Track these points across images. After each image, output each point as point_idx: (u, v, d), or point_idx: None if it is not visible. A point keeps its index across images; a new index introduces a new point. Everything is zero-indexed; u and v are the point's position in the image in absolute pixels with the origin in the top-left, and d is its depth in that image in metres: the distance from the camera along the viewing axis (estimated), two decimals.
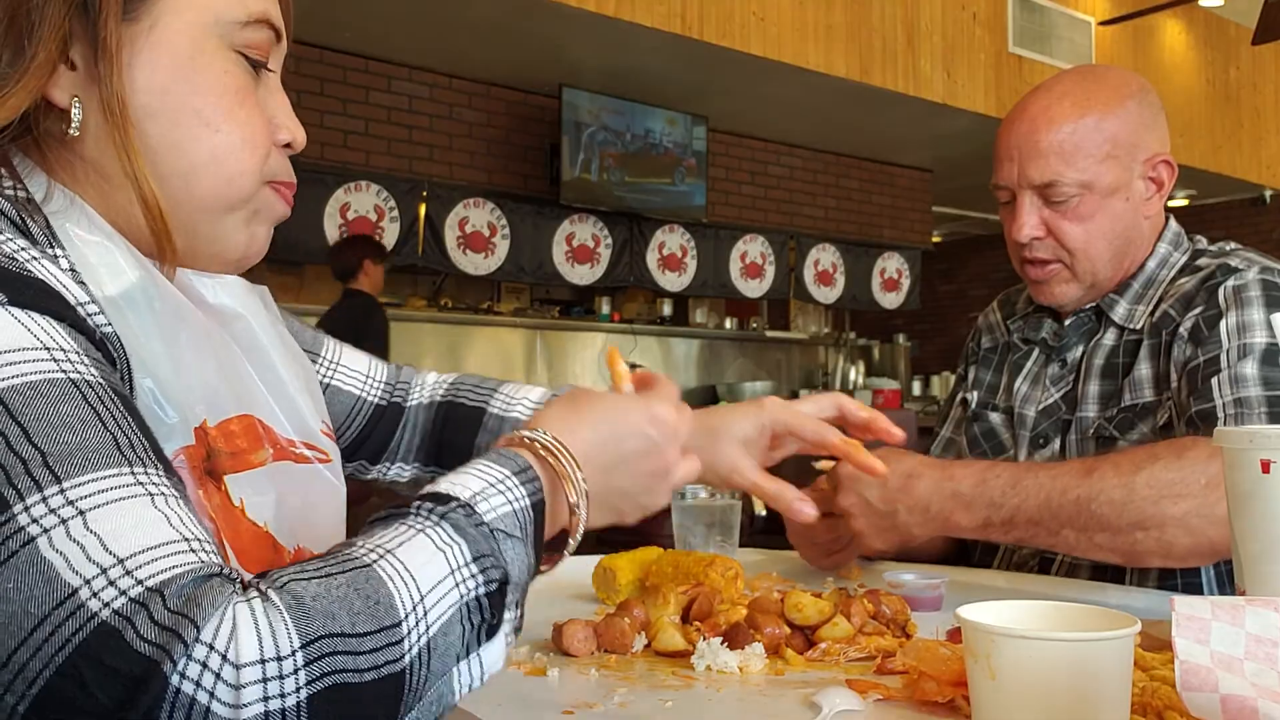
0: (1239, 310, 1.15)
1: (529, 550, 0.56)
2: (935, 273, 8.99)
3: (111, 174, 0.61)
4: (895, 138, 6.61)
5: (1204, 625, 0.53)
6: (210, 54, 0.63)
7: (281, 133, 0.67)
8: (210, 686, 0.43)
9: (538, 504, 0.58)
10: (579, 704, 0.74)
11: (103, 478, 0.46)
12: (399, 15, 4.54)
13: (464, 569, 0.51)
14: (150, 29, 0.61)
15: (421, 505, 0.54)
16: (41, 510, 0.45)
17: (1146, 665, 0.74)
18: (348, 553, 0.50)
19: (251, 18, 0.64)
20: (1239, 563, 0.70)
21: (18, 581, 0.43)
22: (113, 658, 0.43)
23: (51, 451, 0.46)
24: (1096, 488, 1.02)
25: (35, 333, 0.49)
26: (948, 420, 1.47)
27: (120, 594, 0.44)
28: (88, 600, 0.43)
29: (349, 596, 0.47)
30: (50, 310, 0.51)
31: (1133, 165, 1.24)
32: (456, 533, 0.52)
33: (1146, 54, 6.89)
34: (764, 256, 6.64)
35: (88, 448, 0.47)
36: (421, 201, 5.27)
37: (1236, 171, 7.43)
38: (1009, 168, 1.25)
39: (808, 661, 0.85)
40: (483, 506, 0.54)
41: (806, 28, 5.22)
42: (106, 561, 0.44)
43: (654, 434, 0.67)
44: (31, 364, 0.48)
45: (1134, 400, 1.22)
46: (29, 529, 0.44)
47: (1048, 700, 0.59)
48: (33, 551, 0.44)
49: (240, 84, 0.64)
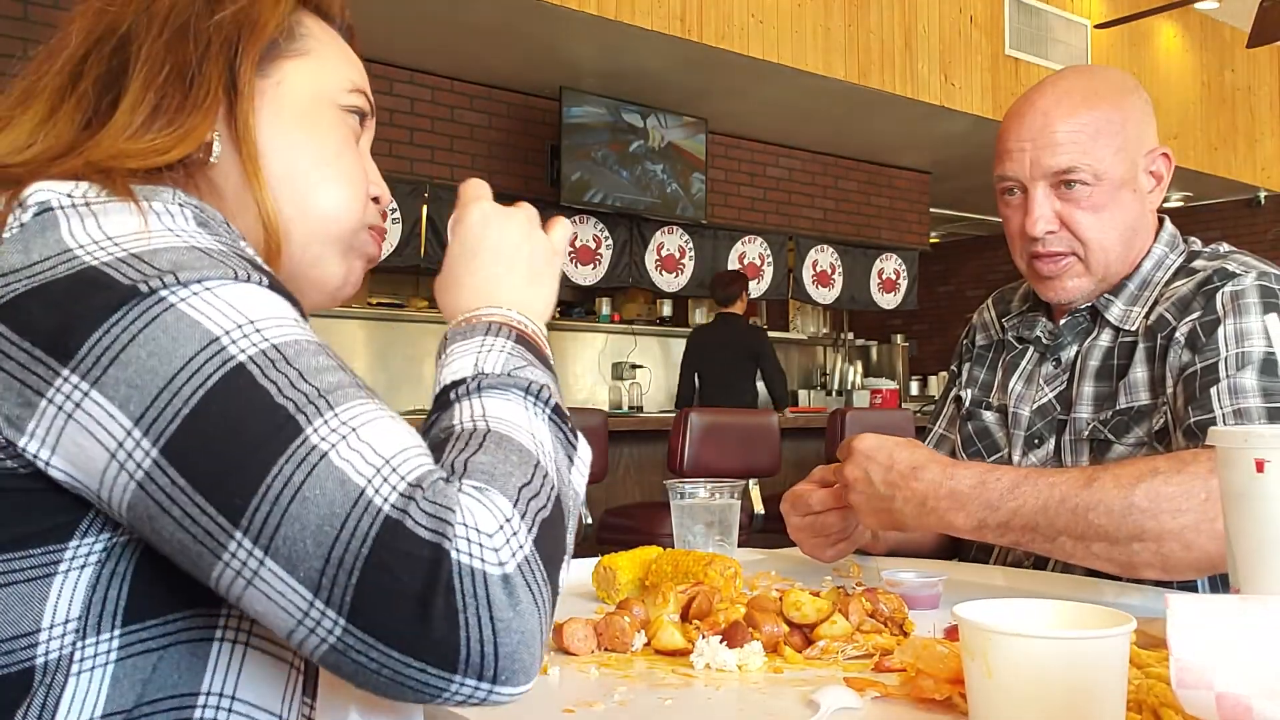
0: (1237, 317, 1.15)
1: (539, 368, 0.67)
2: (933, 274, 9.00)
3: (233, 199, 0.72)
4: (893, 140, 6.62)
5: (1199, 623, 0.53)
6: (324, 109, 0.76)
7: (373, 188, 0.80)
8: (480, 555, 0.53)
9: (521, 339, 0.69)
10: (579, 702, 0.75)
11: (359, 404, 0.58)
12: (400, 18, 4.55)
13: (528, 403, 0.64)
14: (277, 85, 0.74)
15: (453, 391, 0.65)
16: (327, 430, 0.55)
17: (1142, 663, 0.75)
18: (470, 431, 0.61)
19: (354, 88, 0.78)
20: (1233, 562, 0.70)
21: (322, 488, 0.53)
22: (405, 543, 0.53)
23: (323, 388, 0.57)
24: (1095, 497, 1.01)
25: (285, 306, 0.61)
26: (941, 418, 1.47)
27: (393, 489, 0.54)
28: (373, 497, 0.54)
29: (508, 455, 0.59)
30: (289, 296, 0.63)
31: (1138, 159, 1.25)
32: (502, 388, 0.64)
33: (1142, 56, 6.90)
34: (763, 257, 6.64)
35: (344, 384, 0.58)
36: (423, 203, 5.27)
37: (1231, 173, 7.44)
38: (1019, 159, 1.24)
39: (806, 659, 0.86)
40: (492, 367, 0.66)
41: (805, 30, 5.23)
42: (378, 463, 0.55)
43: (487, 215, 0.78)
44: (289, 326, 0.60)
45: (1129, 404, 1.22)
46: (321, 445, 0.55)
47: (1044, 698, 0.59)
48: (327, 463, 0.54)
49: (347, 135, 0.77)
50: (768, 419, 3.97)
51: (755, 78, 5.32)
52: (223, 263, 0.60)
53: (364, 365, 5.44)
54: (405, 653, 0.52)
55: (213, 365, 0.55)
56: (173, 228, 0.61)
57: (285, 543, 0.53)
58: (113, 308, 0.56)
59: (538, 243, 0.78)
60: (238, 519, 0.53)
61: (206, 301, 0.58)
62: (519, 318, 0.72)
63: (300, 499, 0.53)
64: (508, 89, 5.57)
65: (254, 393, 0.55)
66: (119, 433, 0.55)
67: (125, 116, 0.68)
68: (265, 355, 0.57)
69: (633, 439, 4.66)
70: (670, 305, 6.67)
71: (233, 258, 0.61)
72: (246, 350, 0.57)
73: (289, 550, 0.53)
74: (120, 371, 0.55)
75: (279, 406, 0.55)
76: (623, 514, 3.95)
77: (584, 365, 6.35)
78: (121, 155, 0.66)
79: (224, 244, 0.63)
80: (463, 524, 0.54)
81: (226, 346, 0.56)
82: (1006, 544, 1.07)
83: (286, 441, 0.54)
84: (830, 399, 6.94)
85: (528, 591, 0.54)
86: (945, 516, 1.06)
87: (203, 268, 0.59)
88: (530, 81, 5.47)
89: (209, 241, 0.62)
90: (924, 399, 7.25)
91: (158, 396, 0.55)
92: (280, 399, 0.56)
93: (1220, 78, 7.41)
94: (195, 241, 0.61)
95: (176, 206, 0.63)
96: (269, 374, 0.56)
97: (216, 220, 0.66)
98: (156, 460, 0.54)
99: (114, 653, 0.58)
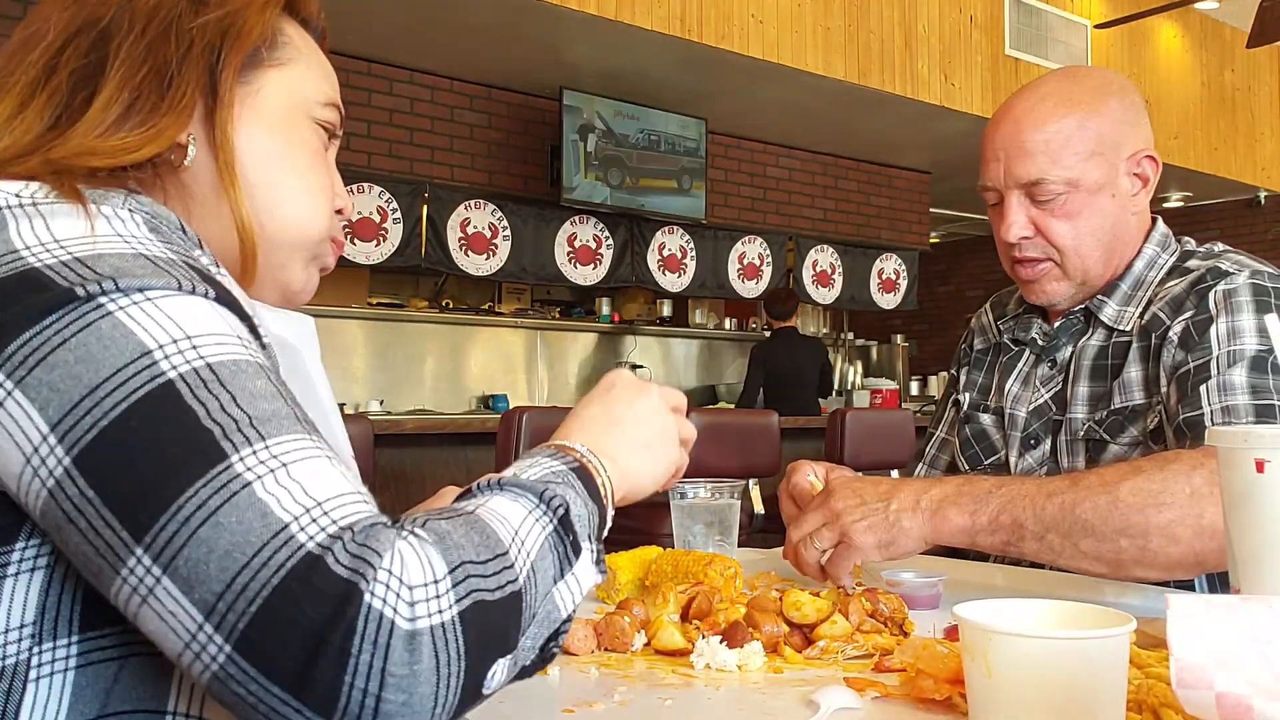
0: (1229, 316, 1.15)
1: (580, 494, 0.66)
2: (932, 274, 9.00)
3: (208, 202, 0.72)
4: (893, 140, 6.62)
5: (1199, 623, 0.53)
6: (299, 120, 0.77)
7: (338, 200, 0.81)
8: (394, 604, 0.51)
9: (576, 468, 0.68)
10: (579, 702, 0.75)
11: (294, 439, 0.56)
12: (401, 18, 4.55)
13: (536, 509, 0.62)
14: (256, 93, 0.74)
15: (481, 485, 0.64)
16: (254, 461, 0.53)
17: (1142, 663, 0.75)
18: (453, 508, 0.60)
19: (328, 101, 0.79)
20: (1234, 562, 0.70)
21: (238, 516, 0.52)
22: (319, 580, 0.51)
23: (255, 416, 0.55)
24: (1081, 494, 1.02)
25: (230, 322, 0.60)
26: (942, 421, 1.47)
27: (321, 530, 0.52)
28: (297, 533, 0.52)
29: (470, 533, 0.57)
30: (238, 310, 0.62)
31: (1117, 162, 1.25)
32: (519, 489, 0.63)
33: (1142, 57, 6.90)
34: (762, 258, 6.64)
35: (280, 414, 0.56)
36: (423, 203, 5.27)
37: (1231, 173, 7.44)
38: (995, 168, 1.27)
39: (806, 660, 0.86)
40: (524, 475, 0.65)
41: (805, 30, 5.23)
42: (309, 503, 0.53)
43: (640, 391, 0.79)
44: (230, 346, 0.58)
45: (1124, 403, 1.22)
46: (245, 475, 0.53)
47: (1044, 698, 0.59)
48: (250, 493, 0.52)
49: (318, 147, 0.78)
50: (768, 419, 3.97)
51: (755, 78, 5.32)
52: (168, 271, 0.58)
53: (364, 365, 5.45)
54: (286, 690, 0.50)
55: (141, 379, 0.54)
56: (121, 233, 0.60)
57: (187, 564, 0.51)
58: (48, 310, 0.55)
59: (655, 420, 0.78)
60: (141, 535, 0.52)
61: (145, 312, 0.56)
62: (589, 455, 0.70)
63: (213, 523, 0.51)
64: (508, 89, 5.58)
65: (180, 412, 0.54)
66: (35, 437, 0.53)
67: (98, 114, 0.66)
68: (198, 374, 0.55)
69: None
70: (670, 305, 6.68)
71: (180, 267, 0.59)
72: (179, 367, 0.55)
73: (189, 572, 0.51)
74: (45, 374, 0.54)
75: (205, 429, 0.54)
76: (623, 514, 3.90)
77: (584, 365, 6.35)
78: (88, 153, 0.65)
79: (174, 251, 0.61)
80: (387, 569, 0.52)
81: (158, 361, 0.55)
82: (997, 543, 1.06)
83: (208, 466, 0.53)
84: (830, 399, 6.94)
85: (433, 658, 0.51)
86: (940, 511, 1.05)
87: (145, 276, 0.57)
88: (530, 81, 5.47)
89: (158, 249, 0.60)
90: (924, 399, 7.25)
91: (78, 404, 0.53)
92: (208, 421, 0.54)
93: (1220, 78, 7.41)
94: (143, 248, 0.60)
95: (126, 211, 0.62)
96: (199, 394, 0.54)
97: (170, 225, 0.64)
98: (69, 469, 0.53)
99: (73, 659, 0.57)
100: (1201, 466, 1.00)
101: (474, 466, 4.26)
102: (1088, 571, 1.05)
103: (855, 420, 4.02)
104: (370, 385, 5.39)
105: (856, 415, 4.13)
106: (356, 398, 5.20)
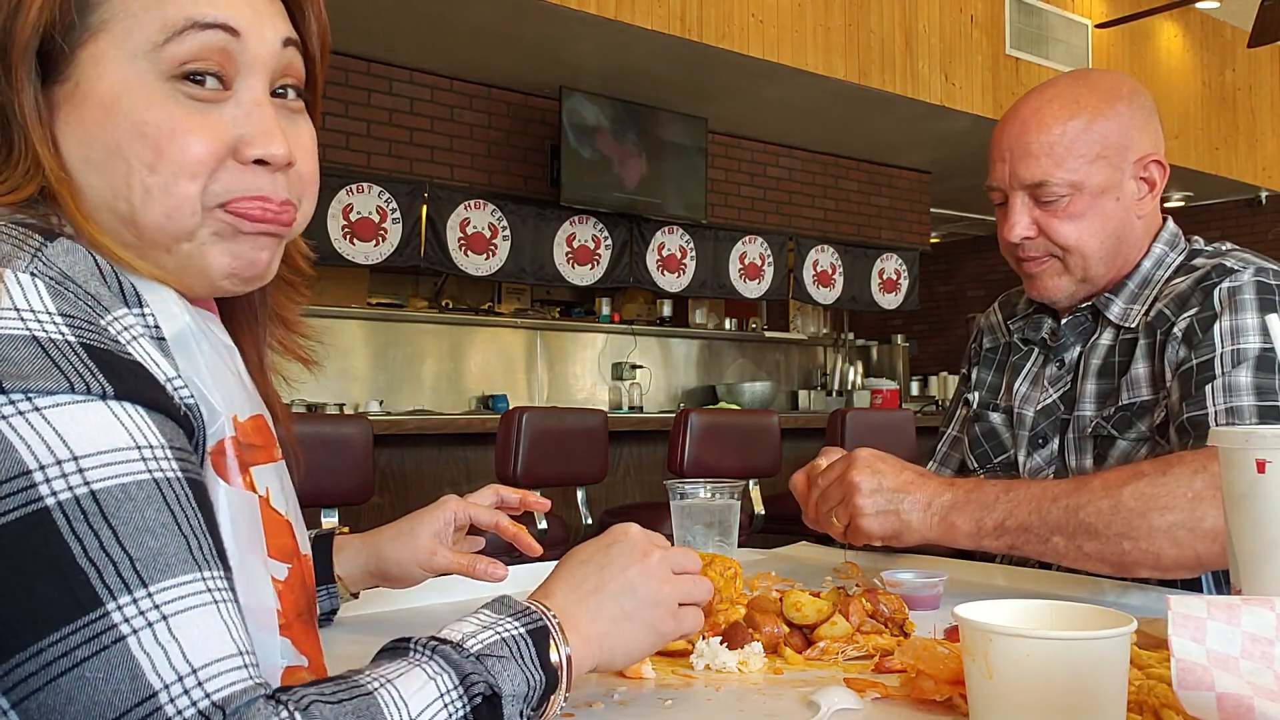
0: (1233, 314, 1.16)
1: (524, 667, 0.61)
2: (933, 274, 9.00)
3: (104, 205, 0.63)
4: (893, 140, 6.62)
5: (1200, 624, 0.53)
6: (135, 92, 0.61)
7: (253, 149, 0.64)
8: None
9: (534, 630, 0.64)
10: (579, 703, 0.75)
11: (180, 583, 0.51)
12: (400, 18, 4.55)
13: (450, 693, 0.57)
14: (76, 85, 0.61)
15: (418, 643, 0.60)
16: (132, 611, 0.49)
17: (1143, 664, 0.75)
18: (357, 679, 0.56)
19: (173, 30, 0.61)
20: (1235, 562, 0.70)
21: (106, 673, 0.48)
22: None
23: (138, 556, 0.51)
24: (1085, 498, 1.05)
25: (129, 429, 0.54)
26: (953, 420, 1.49)
27: (192, 704, 0.49)
28: (165, 704, 0.48)
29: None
30: (144, 399, 0.55)
31: (1123, 166, 1.25)
32: (446, 663, 0.58)
33: (1143, 56, 6.90)
34: (763, 257, 6.64)
35: (167, 553, 0.52)
36: (423, 203, 5.27)
37: (1233, 173, 7.43)
38: (1001, 169, 1.28)
39: (806, 660, 0.86)
40: (470, 642, 0.61)
41: (805, 30, 5.23)
42: (184, 670, 0.50)
43: (633, 555, 0.73)
44: (124, 464, 0.52)
45: (1131, 399, 1.23)
46: (120, 627, 0.49)
47: (1045, 698, 0.59)
48: (123, 649, 0.49)
49: (164, 117, 0.61)
50: (768, 419, 3.97)
51: (755, 77, 5.32)
52: (59, 367, 0.52)
53: (363, 365, 5.44)
54: None
55: (13, 502, 0.49)
56: (19, 306, 0.53)
57: (40, 710, 0.48)
58: None
59: (645, 590, 0.72)
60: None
61: (29, 423, 0.51)
62: (554, 621, 0.65)
63: (76, 675, 0.48)
64: (508, 89, 5.57)
65: (53, 546, 0.49)
66: None
67: None
68: (79, 503, 0.50)
69: (633, 439, 4.66)
70: (670, 305, 6.67)
71: (77, 355, 0.53)
72: (59, 493, 0.50)
73: (40, 718, 0.48)
74: None
75: (79, 570, 0.49)
76: (622, 514, 3.95)
77: (584, 365, 6.34)
78: None
79: (77, 327, 0.54)
80: None
81: (38, 484, 0.50)
82: (1003, 547, 1.10)
83: (78, 612, 0.48)
84: (831, 399, 6.93)
85: None
86: (948, 517, 1.10)
87: (34, 376, 0.51)
88: (530, 81, 5.47)
89: (54, 327, 0.53)
90: (924, 399, 7.25)
91: None
92: (83, 560, 0.49)
93: (1221, 78, 7.41)
94: (39, 329, 0.53)
95: (29, 276, 0.55)
96: (77, 527, 0.50)
97: (81, 281, 0.57)
98: None
99: None
100: (1203, 470, 1.01)
101: (473, 466, 4.26)
102: (1093, 571, 1.08)
103: (856, 420, 4.02)
104: (370, 385, 5.39)
105: (857, 415, 4.13)
106: (356, 398, 5.20)
